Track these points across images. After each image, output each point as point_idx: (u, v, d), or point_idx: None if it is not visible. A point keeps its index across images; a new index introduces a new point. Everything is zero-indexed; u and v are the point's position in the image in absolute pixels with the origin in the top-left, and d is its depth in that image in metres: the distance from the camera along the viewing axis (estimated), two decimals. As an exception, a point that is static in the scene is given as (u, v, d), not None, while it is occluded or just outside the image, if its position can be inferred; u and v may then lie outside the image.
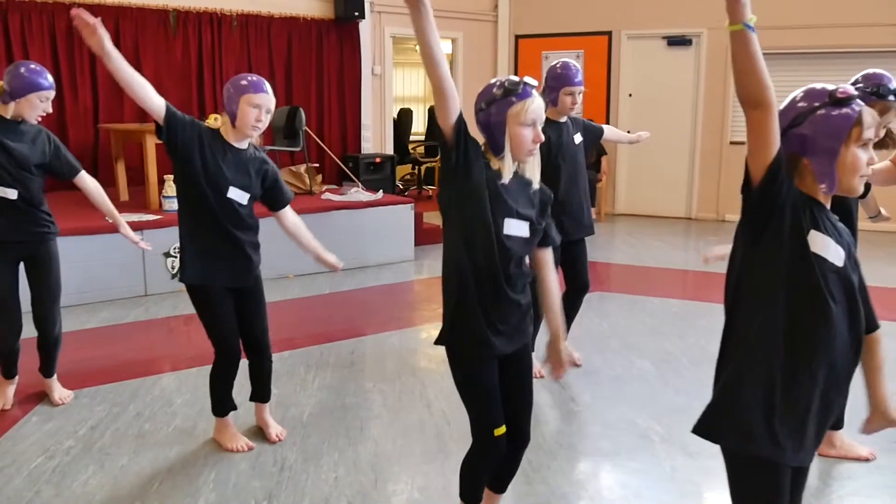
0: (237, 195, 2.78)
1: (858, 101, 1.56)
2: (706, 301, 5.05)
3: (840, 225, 1.61)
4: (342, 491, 2.71)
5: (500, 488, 2.34)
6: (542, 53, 9.05)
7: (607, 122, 8.95)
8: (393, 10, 8.13)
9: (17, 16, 6.36)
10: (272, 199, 2.94)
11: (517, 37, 9.18)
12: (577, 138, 3.74)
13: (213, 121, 2.79)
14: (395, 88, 11.72)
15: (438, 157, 10.37)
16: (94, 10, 6.71)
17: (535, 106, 1.99)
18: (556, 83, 3.60)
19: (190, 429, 3.20)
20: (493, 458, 2.18)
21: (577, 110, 3.71)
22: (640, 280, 6.05)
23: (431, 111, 10.73)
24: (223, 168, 2.74)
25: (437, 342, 2.13)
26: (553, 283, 2.20)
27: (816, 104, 1.57)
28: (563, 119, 3.68)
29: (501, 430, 2.12)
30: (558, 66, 3.64)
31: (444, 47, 9.44)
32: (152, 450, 3.01)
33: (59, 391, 3.49)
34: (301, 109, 6.70)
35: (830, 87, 1.58)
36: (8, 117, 3.12)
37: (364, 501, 2.65)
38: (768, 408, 1.56)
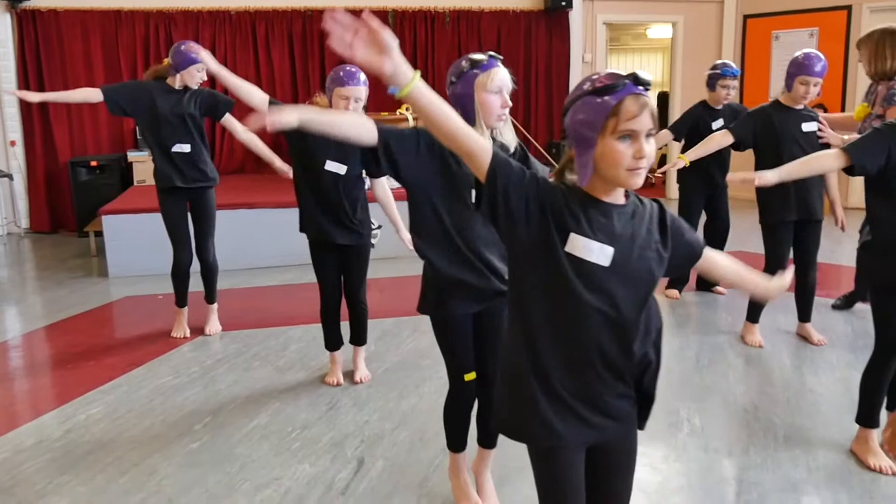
0: (334, 167, 3.27)
1: (628, 88, 1.44)
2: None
3: (619, 221, 1.52)
4: (362, 431, 3.15)
5: (488, 443, 2.55)
6: (771, 33, 8.47)
7: (842, 109, 8.16)
8: (605, -3, 8.20)
9: (263, 24, 7.61)
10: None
11: (745, 17, 8.66)
12: (807, 127, 3.78)
13: (319, 100, 3.36)
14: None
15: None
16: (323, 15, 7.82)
17: (501, 75, 2.17)
18: (795, 70, 3.77)
19: (285, 370, 3.84)
20: (464, 402, 2.45)
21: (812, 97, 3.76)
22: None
23: (661, 97, 10.50)
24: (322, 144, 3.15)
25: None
26: None
27: (581, 92, 1.49)
28: (798, 106, 3.80)
29: (471, 375, 2.40)
30: (801, 55, 3.77)
31: (663, 32, 9.21)
32: (247, 382, 3.70)
33: (210, 325, 4.37)
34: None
35: (606, 72, 1.49)
36: (176, 87, 4.01)
37: (374, 441, 3.06)
38: (535, 396, 1.57)
